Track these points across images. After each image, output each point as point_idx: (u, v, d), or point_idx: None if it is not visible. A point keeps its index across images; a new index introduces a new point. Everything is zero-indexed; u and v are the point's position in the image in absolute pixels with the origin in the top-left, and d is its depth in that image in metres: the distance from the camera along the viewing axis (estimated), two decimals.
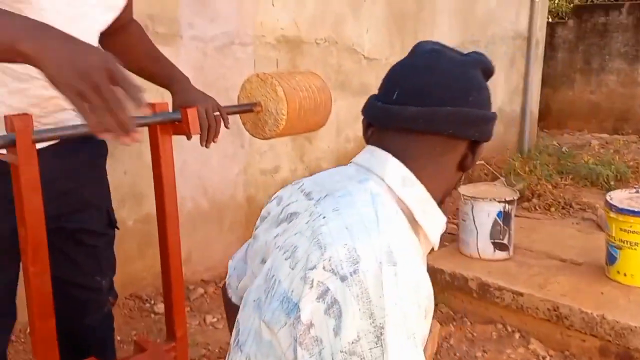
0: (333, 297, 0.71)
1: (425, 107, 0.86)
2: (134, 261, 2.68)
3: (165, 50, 2.63)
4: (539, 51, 5.44)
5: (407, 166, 0.87)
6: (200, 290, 2.83)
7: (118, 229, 1.51)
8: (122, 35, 1.42)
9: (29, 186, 1.06)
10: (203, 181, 2.96)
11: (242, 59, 3.02)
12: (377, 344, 0.69)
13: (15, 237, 1.10)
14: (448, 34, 4.45)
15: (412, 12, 4.07)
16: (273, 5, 3.11)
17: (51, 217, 1.27)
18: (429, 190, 0.88)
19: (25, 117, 1.04)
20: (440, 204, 0.93)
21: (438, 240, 0.93)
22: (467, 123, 0.88)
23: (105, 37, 1.35)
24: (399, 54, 4.01)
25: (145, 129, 1.33)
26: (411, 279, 0.74)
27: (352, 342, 0.69)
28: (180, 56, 2.69)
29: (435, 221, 0.91)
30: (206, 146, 1.40)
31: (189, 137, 1.37)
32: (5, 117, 1.04)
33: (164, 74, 1.45)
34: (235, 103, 1.59)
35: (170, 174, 1.38)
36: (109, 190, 1.51)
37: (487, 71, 0.94)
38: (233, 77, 2.94)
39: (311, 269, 0.73)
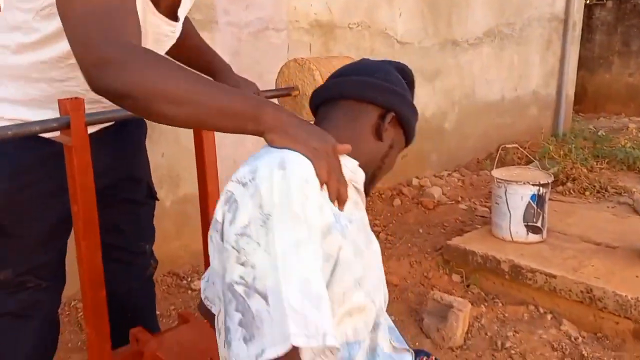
0: (234, 198, 0.87)
1: (338, 78, 1.07)
2: (171, 240, 2.78)
3: (202, 36, 2.73)
4: (575, 33, 5.33)
5: (328, 131, 0.98)
6: None
7: (158, 199, 1.61)
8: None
9: (82, 166, 1.13)
10: (237, 164, 3.02)
11: (276, 44, 3.07)
12: (262, 226, 0.82)
13: (67, 211, 1.18)
14: (483, 17, 4.41)
15: None
16: None
17: (99, 189, 1.38)
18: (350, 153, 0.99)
19: (78, 100, 1.11)
20: (372, 177, 1.05)
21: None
22: (369, 88, 1.03)
23: None
24: (432, 38, 4.01)
25: None
26: (299, 176, 0.86)
27: (244, 227, 0.83)
28: (216, 42, 2.75)
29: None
30: None
31: None
32: (59, 100, 1.11)
33: (208, 63, 1.54)
34: (271, 87, 1.64)
35: (212, 156, 1.44)
36: (149, 165, 1.62)
37: (401, 70, 1.11)
38: (267, 61, 2.98)
39: (226, 185, 0.91)
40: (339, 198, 0.92)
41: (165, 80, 0.89)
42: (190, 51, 1.54)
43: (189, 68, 0.98)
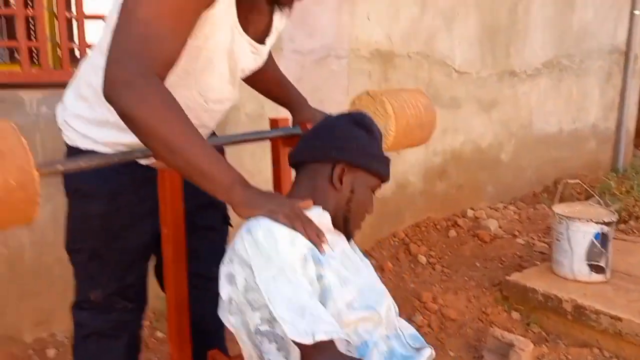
0: (230, 273, 1.06)
1: (298, 144, 1.24)
2: None
3: None
4: (637, 66, 5.20)
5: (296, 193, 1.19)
6: None
7: (232, 226, 1.63)
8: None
9: (174, 190, 1.17)
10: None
11: (336, 72, 3.10)
12: (251, 276, 1.00)
13: (154, 234, 1.22)
14: (541, 48, 4.36)
15: (504, 26, 4.02)
16: (369, 19, 3.18)
17: (186, 213, 1.43)
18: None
19: None
20: (345, 220, 1.20)
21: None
22: (313, 150, 1.20)
23: None
24: (490, 68, 3.98)
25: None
26: (262, 229, 1.01)
27: (244, 285, 1.02)
28: (281, 68, 2.80)
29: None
30: None
31: None
32: None
33: (286, 96, 1.62)
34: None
35: (287, 181, 1.46)
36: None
37: (356, 121, 1.23)
38: (328, 88, 3.02)
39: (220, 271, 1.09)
40: (313, 237, 1.04)
41: (161, 122, 0.98)
42: (270, 83, 1.60)
43: (190, 123, 1.04)
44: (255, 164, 2.65)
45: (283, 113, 1.61)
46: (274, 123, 1.45)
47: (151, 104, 0.98)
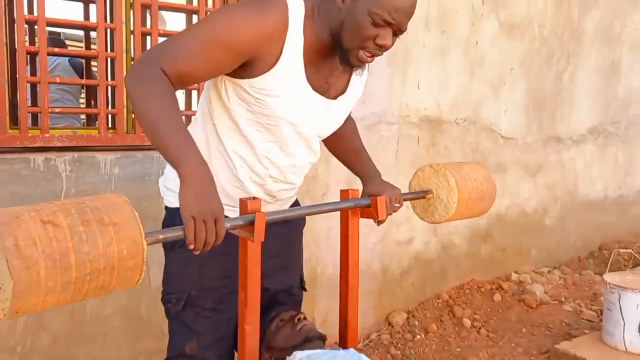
0: None
1: None
2: None
3: None
4: None
5: None
6: None
7: (306, 290, 1.73)
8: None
9: (254, 259, 1.28)
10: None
11: (387, 137, 3.23)
12: None
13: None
14: (587, 115, 4.42)
15: (550, 94, 4.12)
16: (418, 88, 3.33)
17: (262, 277, 1.52)
18: None
19: (257, 200, 1.27)
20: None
21: None
22: None
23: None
24: (536, 134, 4.06)
25: None
26: None
27: None
28: None
29: None
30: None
31: (376, 222, 1.55)
32: (241, 200, 1.28)
33: (361, 167, 1.70)
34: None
35: (355, 250, 1.56)
36: (302, 257, 1.74)
37: None
38: (378, 152, 3.14)
39: None
40: (197, 245, 1.13)
41: (147, 102, 1.15)
42: (349, 153, 1.71)
43: (175, 110, 1.17)
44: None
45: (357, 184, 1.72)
46: (344, 194, 1.56)
47: (144, 85, 1.16)
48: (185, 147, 1.14)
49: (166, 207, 1.52)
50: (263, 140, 1.39)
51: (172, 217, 1.46)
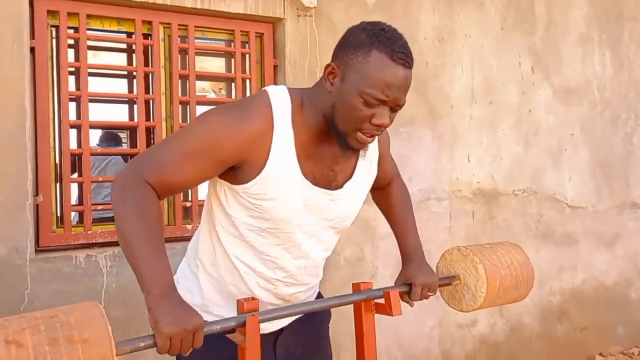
0: None
1: None
2: None
3: (366, 208, 2.87)
4: None
5: None
6: None
7: None
8: (384, 192, 1.66)
9: None
10: (398, 334, 2.98)
11: (437, 213, 3.12)
12: None
13: None
14: None
15: (620, 157, 3.85)
16: (469, 161, 3.22)
17: None
18: None
19: (254, 301, 1.22)
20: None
21: None
22: None
23: (376, 193, 1.66)
24: (608, 201, 3.78)
25: None
26: None
27: None
28: (379, 213, 2.88)
29: None
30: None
31: (390, 314, 1.45)
32: (238, 301, 1.23)
33: (402, 242, 1.61)
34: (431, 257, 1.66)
35: (371, 347, 1.45)
36: (331, 353, 1.63)
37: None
38: (429, 230, 3.02)
39: None
40: None
41: (125, 219, 1.13)
42: (392, 223, 1.65)
43: (151, 231, 1.13)
44: None
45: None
46: (356, 287, 1.47)
47: (125, 201, 1.14)
48: (155, 277, 1.10)
49: None
50: (269, 245, 1.33)
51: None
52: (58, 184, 2.30)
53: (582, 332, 3.66)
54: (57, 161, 2.31)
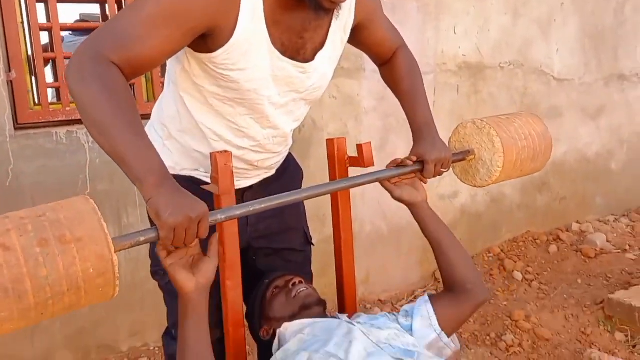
0: None
1: None
2: (317, 278, 2.86)
3: (351, 83, 2.85)
4: None
5: None
6: (377, 310, 2.92)
7: (313, 245, 1.68)
8: (390, 66, 1.55)
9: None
10: (382, 206, 3.07)
11: None
12: None
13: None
14: None
15: (610, 28, 3.77)
16: (455, 33, 3.14)
17: (262, 237, 1.49)
18: None
19: (226, 154, 1.24)
20: None
21: None
22: None
23: (382, 65, 1.57)
24: (595, 73, 3.75)
25: None
26: None
27: None
28: (363, 88, 2.86)
29: None
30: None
31: (363, 166, 1.47)
32: (211, 153, 1.25)
33: (412, 116, 1.50)
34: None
35: (346, 206, 1.50)
36: (305, 211, 1.67)
37: None
38: None
39: None
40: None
41: (93, 103, 0.99)
42: (401, 97, 1.53)
43: (128, 111, 1.01)
44: None
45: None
46: (330, 143, 1.49)
47: (89, 84, 0.99)
48: (146, 163, 1.00)
49: None
50: (237, 115, 1.29)
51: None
52: (32, 62, 2.25)
53: (561, 202, 3.78)
54: (27, 37, 2.24)
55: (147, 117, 2.27)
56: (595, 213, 3.93)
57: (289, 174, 1.58)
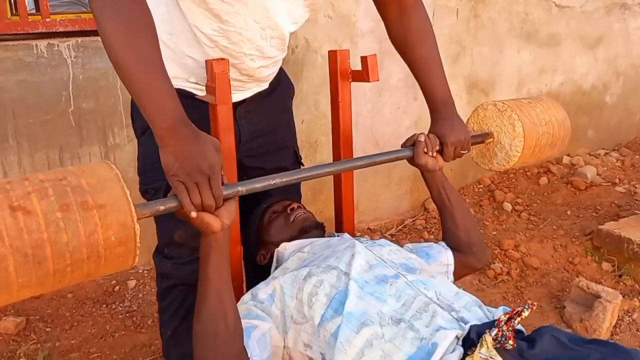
0: None
1: None
2: (307, 205, 2.84)
3: (347, 2, 2.70)
4: None
5: None
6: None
7: (303, 165, 1.63)
8: (400, 26, 1.41)
9: (224, 124, 1.18)
10: (375, 133, 3.01)
11: None
12: None
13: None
14: None
15: None
16: None
17: (254, 156, 1.43)
18: None
19: (223, 61, 1.15)
20: None
21: None
22: None
23: (390, 20, 1.41)
24: (597, 1, 3.61)
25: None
26: None
27: None
28: (361, 7, 2.72)
29: None
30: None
31: (367, 80, 1.40)
32: (206, 61, 1.16)
33: (428, 90, 1.41)
34: None
35: (347, 118, 1.43)
36: (295, 130, 1.61)
37: None
38: None
39: None
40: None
41: (114, 33, 0.94)
42: (413, 68, 1.42)
43: (148, 42, 0.96)
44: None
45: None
46: (332, 54, 1.41)
47: (109, 14, 0.94)
48: (161, 106, 0.96)
49: None
50: (235, 14, 1.18)
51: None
52: None
53: None
54: None
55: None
56: (587, 146, 3.91)
57: (280, 89, 1.50)
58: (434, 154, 1.36)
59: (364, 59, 1.37)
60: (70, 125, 2.17)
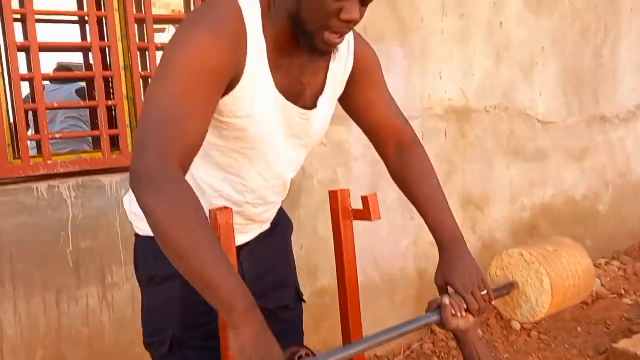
0: None
1: None
2: (309, 335, 2.73)
3: (340, 130, 2.79)
4: None
5: None
6: None
7: (305, 302, 1.58)
8: (400, 164, 1.42)
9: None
10: (374, 254, 2.99)
11: None
12: None
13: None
14: (633, 90, 4.10)
15: (590, 71, 3.83)
16: (440, 78, 3.14)
17: (258, 297, 1.38)
18: None
19: (227, 210, 1.15)
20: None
21: None
22: None
23: (389, 159, 1.44)
24: (578, 115, 3.78)
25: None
26: None
27: None
28: (353, 134, 2.81)
29: None
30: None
31: (369, 220, 1.39)
32: (211, 210, 1.15)
33: (433, 227, 1.35)
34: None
35: (351, 257, 1.41)
36: (295, 266, 1.58)
37: None
38: None
39: None
40: None
41: (172, 225, 0.92)
42: (416, 204, 1.38)
43: (213, 237, 0.96)
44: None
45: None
46: (333, 194, 1.41)
47: (168, 206, 0.93)
48: (235, 289, 0.95)
49: (137, 235, 1.36)
50: (239, 167, 1.21)
51: (145, 245, 1.32)
52: (11, 113, 2.15)
53: None
54: (8, 89, 2.14)
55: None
56: None
57: (280, 228, 1.50)
58: (463, 313, 1.24)
59: (364, 199, 1.37)
60: (68, 266, 2.14)
